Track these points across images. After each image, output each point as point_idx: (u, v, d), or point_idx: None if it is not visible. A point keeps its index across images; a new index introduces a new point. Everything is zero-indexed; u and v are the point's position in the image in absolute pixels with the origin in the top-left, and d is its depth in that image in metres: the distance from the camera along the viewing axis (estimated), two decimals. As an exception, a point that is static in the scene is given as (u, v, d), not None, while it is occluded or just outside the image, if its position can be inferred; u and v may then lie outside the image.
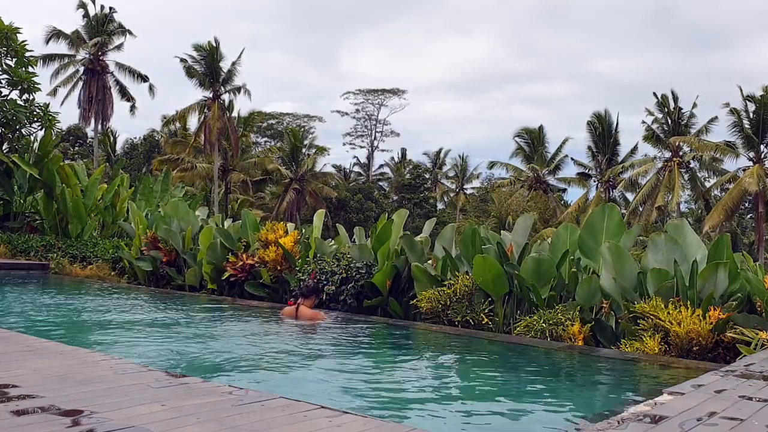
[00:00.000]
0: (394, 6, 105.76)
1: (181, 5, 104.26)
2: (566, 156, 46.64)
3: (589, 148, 44.58)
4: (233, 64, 43.45)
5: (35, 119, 19.48)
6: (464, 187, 66.72)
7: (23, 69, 19.10)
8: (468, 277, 8.59)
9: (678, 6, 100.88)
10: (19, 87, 19.09)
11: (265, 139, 66.32)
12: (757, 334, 6.51)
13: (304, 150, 52.17)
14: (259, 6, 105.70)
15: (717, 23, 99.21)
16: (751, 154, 36.46)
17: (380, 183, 66.81)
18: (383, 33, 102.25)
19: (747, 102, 35.51)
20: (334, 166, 64.45)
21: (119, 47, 45.00)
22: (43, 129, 19.77)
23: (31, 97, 19.36)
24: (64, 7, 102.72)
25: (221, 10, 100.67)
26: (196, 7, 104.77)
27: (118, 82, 45.23)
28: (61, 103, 44.71)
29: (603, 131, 43.59)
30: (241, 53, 45.62)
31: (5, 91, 19.25)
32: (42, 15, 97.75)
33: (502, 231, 11.34)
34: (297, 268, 10.83)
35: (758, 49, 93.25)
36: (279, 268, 11.19)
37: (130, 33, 44.87)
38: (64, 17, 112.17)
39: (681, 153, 40.18)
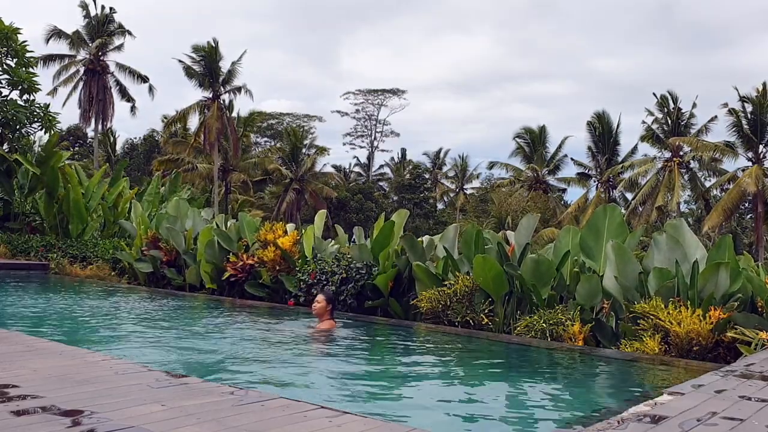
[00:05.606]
0: (394, 5, 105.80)
1: (180, 5, 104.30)
2: (566, 156, 46.64)
3: (589, 148, 44.59)
4: (233, 64, 43.45)
5: (35, 119, 19.45)
6: (464, 187, 66.68)
7: (23, 69, 19.10)
8: (468, 277, 8.59)
9: (679, 3, 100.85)
10: (20, 87, 19.08)
11: (265, 139, 66.31)
12: (757, 334, 6.51)
13: (304, 150, 52.17)
14: (258, 5, 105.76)
15: (718, 21, 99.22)
16: (750, 155, 36.45)
17: (380, 183, 66.82)
18: (382, 32, 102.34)
19: (743, 103, 35.51)
20: (334, 166, 64.44)
21: (119, 48, 45.07)
22: (44, 129, 19.76)
23: (32, 98, 19.34)
24: (65, 7, 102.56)
25: (221, 9, 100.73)
26: (196, 6, 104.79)
27: (118, 83, 45.25)
28: (62, 104, 44.81)
29: (603, 131, 43.58)
30: (242, 55, 45.60)
31: (5, 92, 19.25)
32: (42, 15, 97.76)
33: (507, 231, 11.32)
34: (297, 269, 10.83)
35: (760, 48, 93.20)
36: (278, 268, 11.18)
37: (130, 33, 44.92)
38: (65, 17, 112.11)
39: (681, 153, 40.18)
